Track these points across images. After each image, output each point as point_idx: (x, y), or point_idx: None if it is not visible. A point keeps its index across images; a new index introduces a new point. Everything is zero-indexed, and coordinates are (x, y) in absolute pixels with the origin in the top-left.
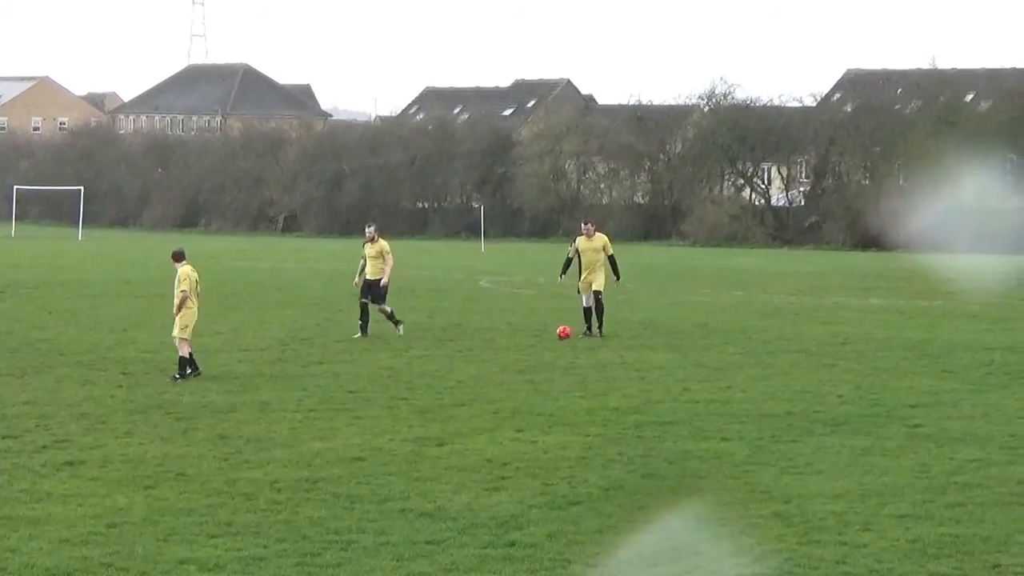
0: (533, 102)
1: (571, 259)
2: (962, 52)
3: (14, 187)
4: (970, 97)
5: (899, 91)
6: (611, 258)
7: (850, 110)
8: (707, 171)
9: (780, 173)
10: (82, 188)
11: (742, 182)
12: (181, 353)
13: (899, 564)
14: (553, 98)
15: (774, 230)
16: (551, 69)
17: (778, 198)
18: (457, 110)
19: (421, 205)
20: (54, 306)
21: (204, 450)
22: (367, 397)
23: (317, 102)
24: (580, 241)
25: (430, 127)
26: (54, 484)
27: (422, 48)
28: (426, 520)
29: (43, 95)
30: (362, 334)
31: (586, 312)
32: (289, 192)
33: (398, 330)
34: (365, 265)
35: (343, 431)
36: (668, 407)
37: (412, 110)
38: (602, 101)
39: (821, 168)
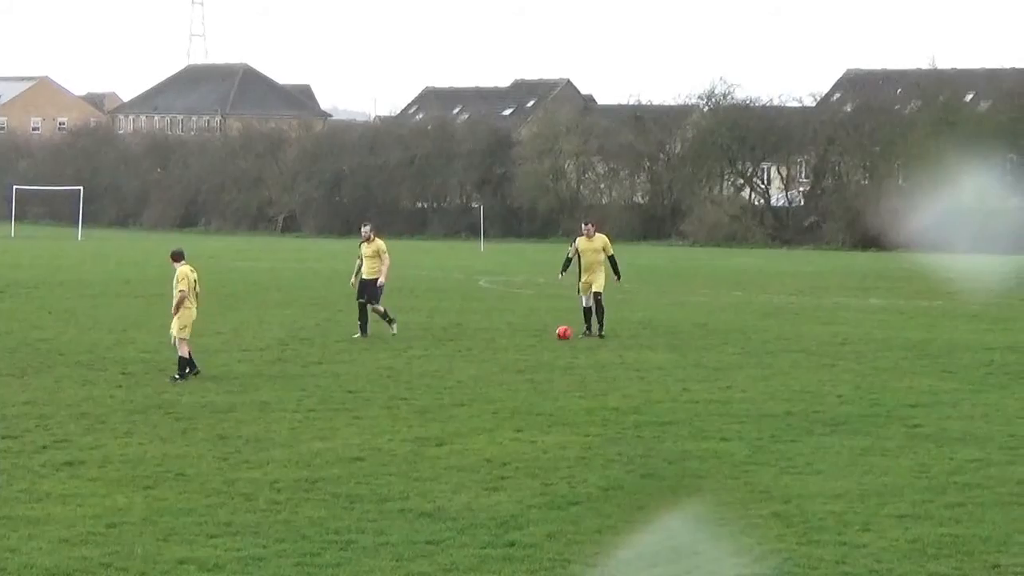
0: (533, 102)
1: (571, 259)
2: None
3: (13, 187)
4: (970, 97)
5: (899, 91)
6: (611, 258)
7: (850, 110)
8: (707, 171)
9: (780, 173)
10: (81, 188)
11: (742, 182)
12: (180, 353)
13: (899, 564)
14: (553, 98)
15: (774, 230)
16: (551, 69)
17: (778, 198)
18: (457, 110)
19: (421, 205)
20: (53, 306)
21: (203, 450)
22: (367, 397)
23: (317, 102)
24: (580, 242)
25: (430, 127)
26: (53, 484)
27: (422, 48)
28: (425, 520)
29: (42, 95)
30: (362, 334)
31: (586, 312)
32: (289, 192)
33: (391, 329)
34: (362, 265)
35: (342, 431)
36: (668, 407)
37: (412, 110)
38: (602, 101)
39: (821, 168)
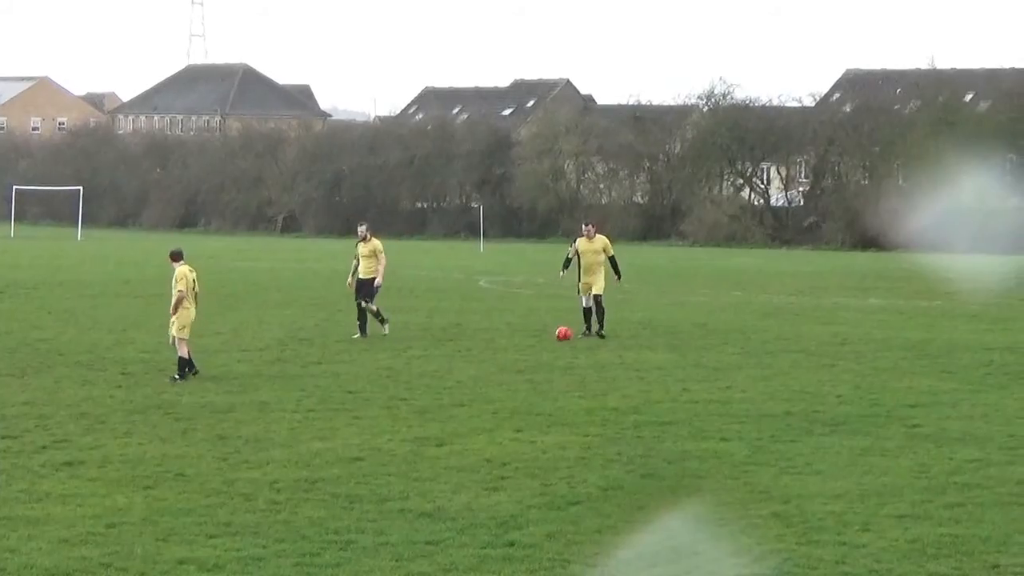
0: (532, 102)
1: (570, 259)
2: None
3: (13, 187)
4: (969, 97)
5: (898, 91)
6: (612, 259)
7: (849, 110)
8: (706, 171)
9: (779, 173)
10: (81, 188)
11: (741, 182)
12: (180, 354)
13: (898, 564)
14: (552, 98)
15: (773, 230)
16: (550, 69)
17: (777, 198)
18: (456, 110)
19: (420, 205)
20: (53, 306)
21: (203, 450)
22: (366, 397)
23: (316, 102)
24: (580, 242)
25: (429, 127)
26: (53, 484)
27: (421, 48)
28: (425, 520)
29: (42, 95)
30: (361, 334)
31: (586, 313)
32: (288, 192)
33: (383, 329)
34: (358, 265)
35: (342, 431)
36: (667, 407)
37: (411, 110)
38: (601, 101)
39: (820, 168)
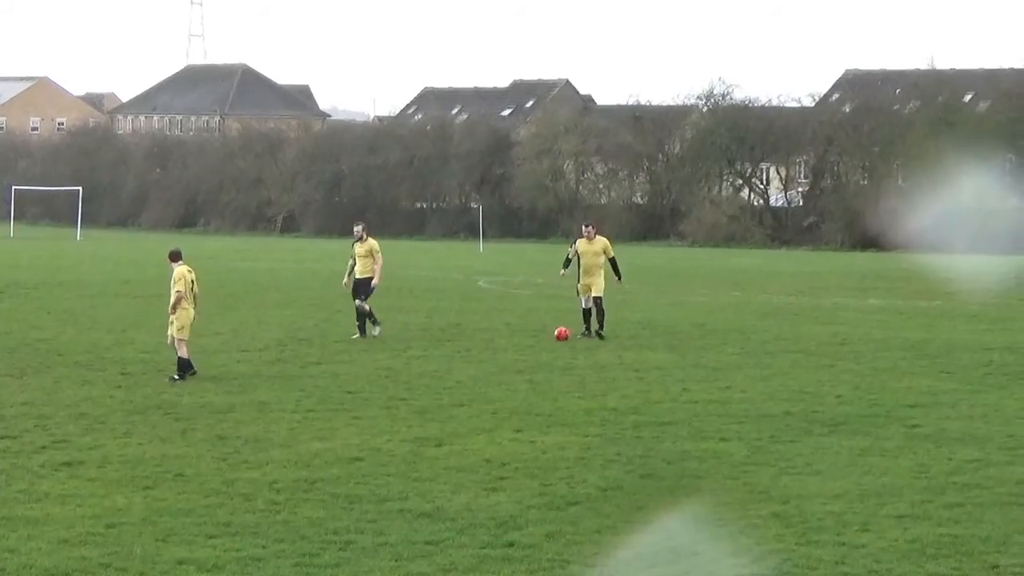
0: (532, 102)
1: (570, 260)
2: (960, 52)
3: (12, 187)
4: (969, 97)
5: (898, 91)
6: (612, 260)
7: (849, 110)
8: (705, 171)
9: (779, 173)
10: (80, 188)
11: (740, 182)
12: (180, 354)
13: (898, 564)
14: (551, 98)
15: (772, 230)
16: (550, 69)
17: (777, 198)
18: (455, 110)
19: (419, 205)
20: (52, 306)
21: (203, 450)
22: (366, 397)
23: (316, 102)
24: (580, 244)
25: (428, 127)
26: (52, 484)
27: (421, 48)
28: (425, 520)
29: (41, 95)
30: (360, 335)
31: (585, 314)
32: (288, 192)
33: (373, 330)
34: (355, 265)
35: (341, 431)
36: (667, 407)
37: (411, 110)
38: (601, 101)
39: (820, 168)
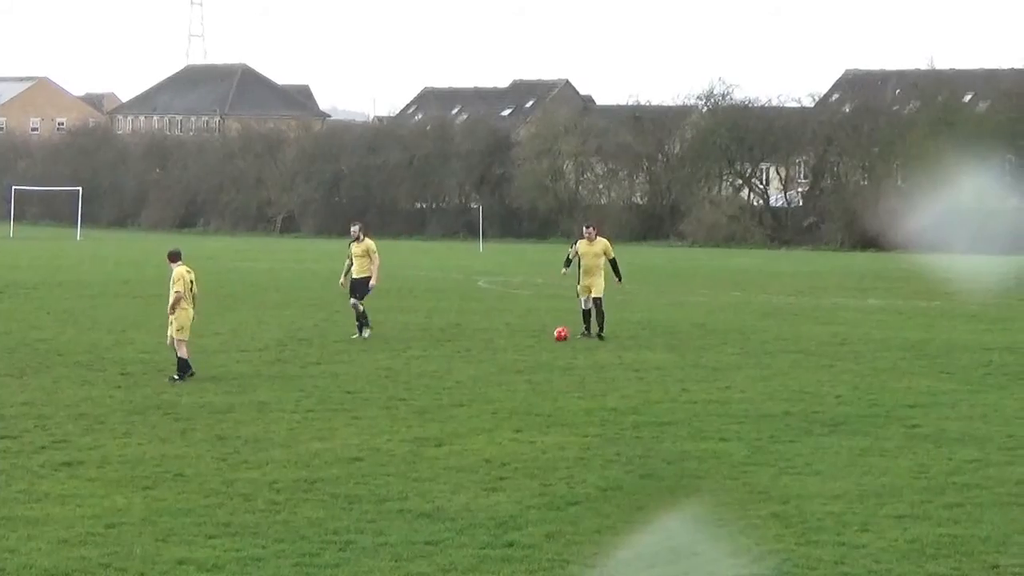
0: (531, 102)
1: (571, 260)
2: (960, 52)
3: (12, 187)
4: (968, 97)
5: (897, 91)
6: (612, 261)
7: (848, 111)
8: (705, 171)
9: (778, 173)
10: (80, 188)
11: (740, 182)
12: (180, 354)
13: (897, 564)
14: (551, 98)
15: (772, 230)
16: (549, 69)
17: (776, 198)
18: (455, 110)
19: (419, 205)
20: (52, 306)
21: (202, 450)
22: (365, 397)
23: (315, 102)
24: (581, 245)
25: (428, 127)
26: (52, 484)
27: (420, 48)
28: (424, 520)
29: (41, 95)
30: (360, 335)
31: (585, 314)
32: (287, 192)
33: (363, 333)
34: (351, 265)
35: (341, 431)
36: (666, 407)
37: (410, 110)
38: (600, 101)
39: (819, 168)
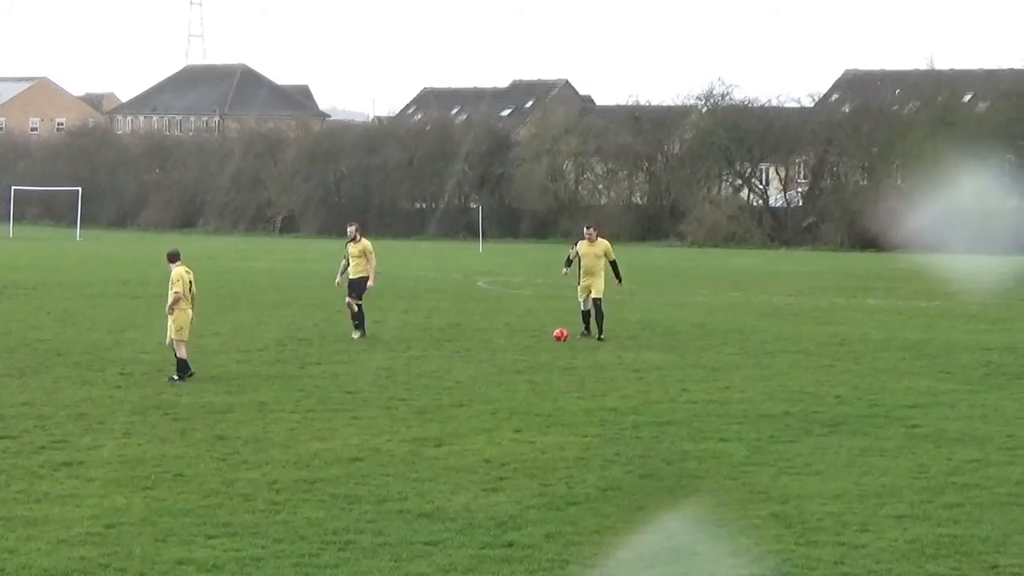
0: (531, 102)
1: (571, 260)
2: (960, 53)
3: (12, 187)
4: (968, 98)
5: (897, 92)
6: (613, 263)
7: (848, 111)
8: (705, 172)
9: (778, 174)
10: (80, 189)
11: (740, 183)
12: (179, 355)
13: (897, 565)
14: (551, 98)
15: (772, 231)
16: (549, 69)
17: (776, 199)
18: (455, 110)
19: (419, 205)
20: (52, 307)
21: (202, 451)
22: (365, 398)
23: (315, 102)
24: (581, 246)
25: (428, 127)
26: (52, 485)
27: (420, 48)
28: (424, 521)
29: (41, 95)
30: (360, 334)
31: (585, 315)
32: (287, 193)
33: (354, 333)
34: (347, 265)
35: (341, 432)
36: (666, 407)
37: (410, 110)
38: (600, 102)
39: (819, 169)
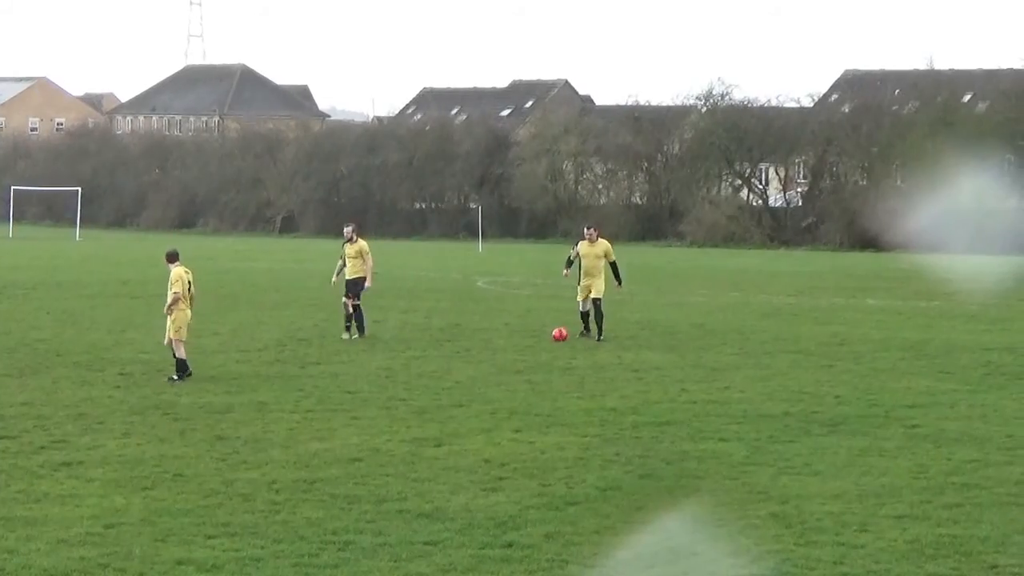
0: (531, 102)
1: (572, 260)
2: (959, 53)
3: (11, 188)
4: (968, 98)
5: (896, 92)
6: (613, 264)
7: (847, 111)
8: (704, 172)
9: (778, 174)
10: (79, 189)
11: (740, 183)
12: (178, 355)
13: (897, 565)
14: (551, 99)
15: (772, 231)
16: (549, 69)
17: (776, 199)
18: (455, 110)
19: (419, 205)
20: (52, 307)
21: (202, 451)
22: (365, 398)
23: (315, 102)
24: (582, 246)
25: (428, 127)
26: (51, 485)
27: (420, 48)
28: (424, 521)
29: (41, 95)
30: (359, 334)
31: (584, 315)
32: (287, 193)
33: (345, 334)
34: (344, 265)
35: (341, 432)
36: (666, 407)
37: (410, 110)
38: (600, 102)
39: (819, 169)
